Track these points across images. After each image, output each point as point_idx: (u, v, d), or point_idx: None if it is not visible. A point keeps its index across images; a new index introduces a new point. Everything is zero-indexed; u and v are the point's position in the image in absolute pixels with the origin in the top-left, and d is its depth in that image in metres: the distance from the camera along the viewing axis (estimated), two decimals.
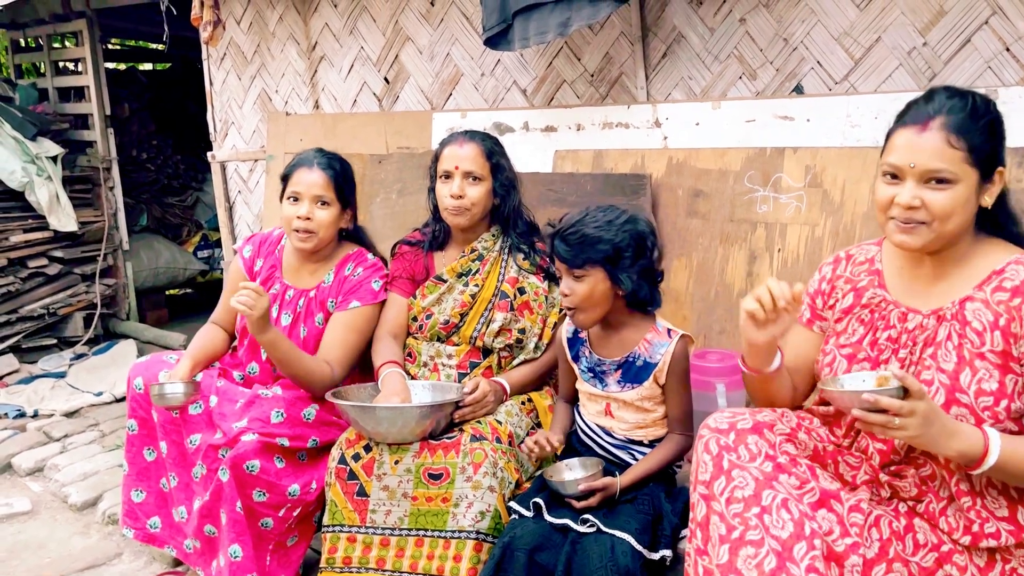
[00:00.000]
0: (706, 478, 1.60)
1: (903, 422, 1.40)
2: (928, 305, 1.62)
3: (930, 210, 1.50)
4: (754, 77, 2.88)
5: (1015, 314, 1.50)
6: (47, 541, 3.08)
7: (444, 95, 3.76)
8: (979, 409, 1.51)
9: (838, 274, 1.80)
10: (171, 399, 2.41)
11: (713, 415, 1.70)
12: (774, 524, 1.50)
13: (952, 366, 1.54)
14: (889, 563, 1.53)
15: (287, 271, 2.65)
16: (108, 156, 5.56)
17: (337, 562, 2.22)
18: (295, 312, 2.57)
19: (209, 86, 4.87)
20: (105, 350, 5.18)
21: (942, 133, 1.49)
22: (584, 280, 2.02)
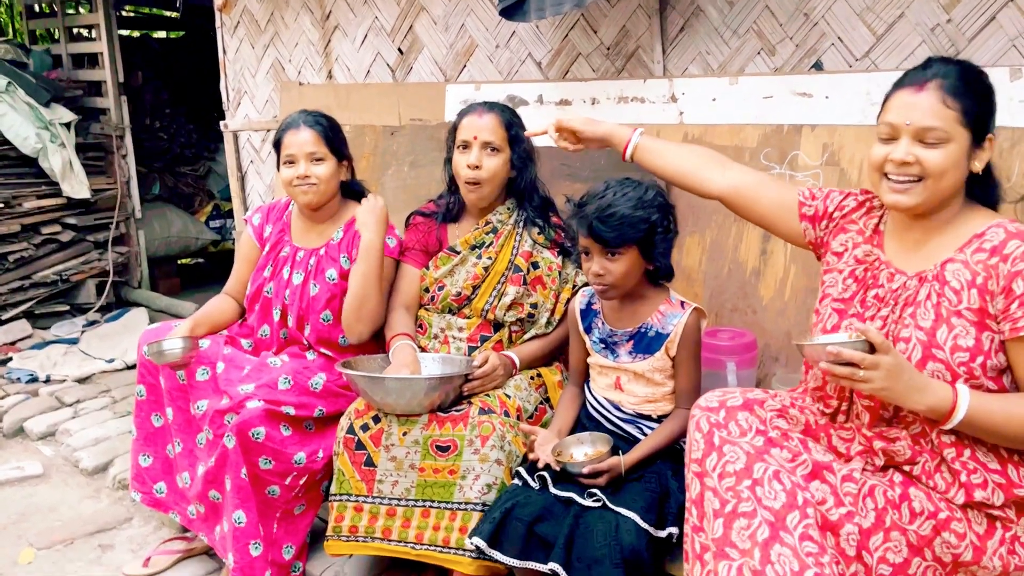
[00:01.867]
0: (698, 456, 1.62)
1: (867, 374, 1.47)
2: (913, 268, 1.66)
3: (924, 167, 1.56)
4: (773, 53, 2.83)
5: (992, 272, 1.54)
6: (58, 504, 3.12)
7: (458, 67, 3.73)
8: (955, 365, 1.55)
9: (854, 219, 1.83)
10: (169, 355, 2.43)
11: (704, 395, 1.73)
12: (766, 495, 1.52)
13: (930, 323, 1.58)
14: (886, 532, 1.54)
15: (296, 234, 2.66)
16: (121, 124, 5.56)
17: (344, 530, 2.23)
18: (306, 270, 2.57)
19: (222, 55, 4.84)
20: (117, 317, 5.21)
21: (938, 93, 1.55)
22: (619, 259, 2.02)
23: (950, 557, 1.55)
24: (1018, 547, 1.57)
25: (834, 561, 1.50)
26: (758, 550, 1.48)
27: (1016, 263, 1.52)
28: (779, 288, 2.65)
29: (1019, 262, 1.52)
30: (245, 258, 2.73)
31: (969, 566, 1.55)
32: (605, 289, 2.07)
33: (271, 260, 2.64)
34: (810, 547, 1.48)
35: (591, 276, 2.06)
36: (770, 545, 1.48)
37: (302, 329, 2.58)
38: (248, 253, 2.72)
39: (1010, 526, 1.58)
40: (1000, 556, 1.56)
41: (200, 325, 2.58)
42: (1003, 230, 1.57)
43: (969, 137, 1.57)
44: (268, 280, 2.62)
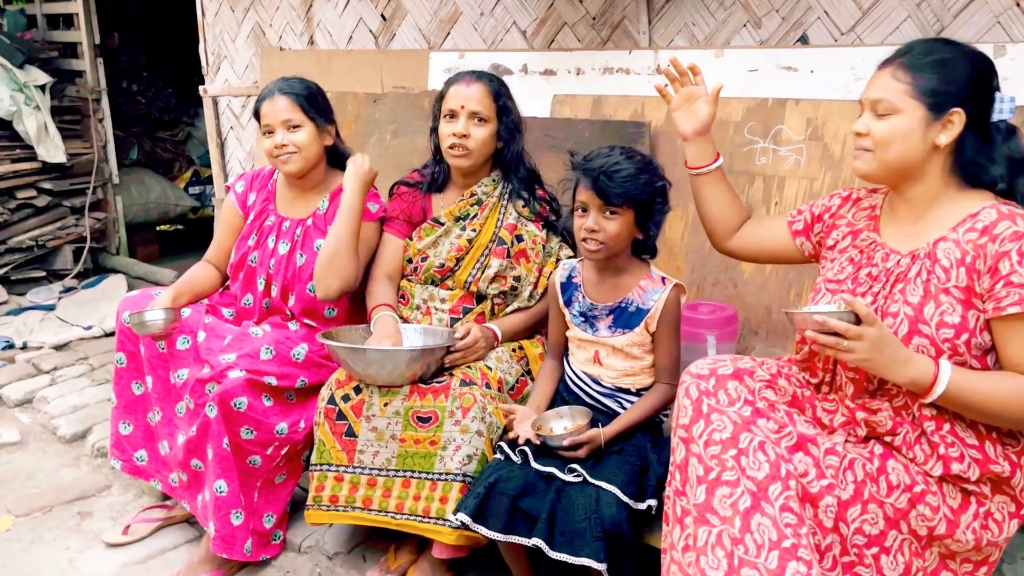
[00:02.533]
0: (686, 422, 1.64)
1: (851, 345, 1.51)
2: (907, 247, 1.69)
3: (872, 137, 1.64)
4: (759, 26, 2.82)
5: (980, 251, 1.57)
6: (36, 472, 3.10)
7: (442, 34, 3.68)
8: (939, 340, 1.58)
9: (842, 214, 1.89)
10: (151, 326, 2.41)
11: (695, 362, 1.75)
12: (750, 466, 1.54)
13: (918, 299, 1.61)
14: (864, 504, 1.57)
15: (281, 203, 2.63)
16: (97, 87, 5.46)
17: (324, 500, 2.24)
18: (292, 240, 2.55)
19: (201, 18, 4.75)
20: (95, 284, 5.16)
21: (891, 70, 1.63)
22: (616, 218, 2.02)
23: (925, 530, 1.58)
24: (991, 522, 1.61)
25: (811, 532, 1.53)
26: (739, 518, 1.51)
27: (1004, 243, 1.54)
28: None
29: (1007, 242, 1.54)
30: (227, 226, 2.69)
31: (943, 539, 1.59)
32: (595, 248, 2.05)
33: (255, 229, 2.61)
34: (789, 518, 1.50)
35: (584, 232, 2.04)
36: (751, 514, 1.50)
37: (286, 299, 2.56)
38: (231, 221, 2.69)
39: (984, 502, 1.61)
40: (973, 530, 1.59)
41: (182, 294, 2.55)
42: (995, 211, 1.59)
43: (924, 110, 1.60)
44: (252, 249, 2.59)
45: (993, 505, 1.62)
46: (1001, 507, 1.62)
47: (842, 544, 1.56)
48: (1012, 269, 1.52)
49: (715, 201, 2.08)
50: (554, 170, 2.68)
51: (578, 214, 2.06)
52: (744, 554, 1.49)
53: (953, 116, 1.59)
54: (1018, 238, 1.53)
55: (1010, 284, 1.52)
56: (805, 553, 1.48)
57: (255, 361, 2.36)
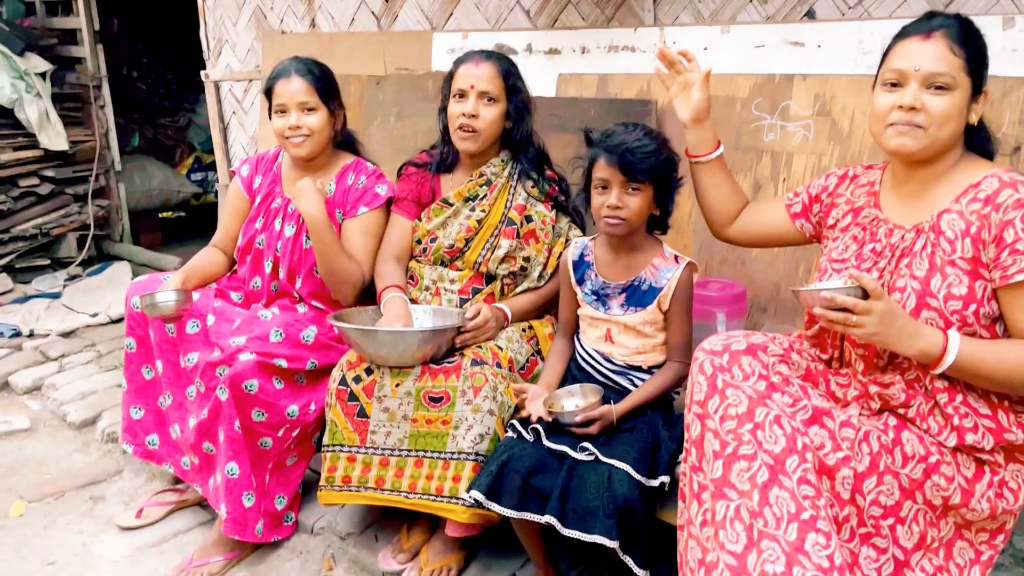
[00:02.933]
0: (700, 398, 1.65)
1: (860, 319, 1.51)
2: (911, 221, 1.69)
3: (929, 113, 1.58)
4: (765, 1, 2.79)
5: (984, 221, 1.57)
6: (47, 458, 3.12)
7: (445, 15, 3.66)
8: (948, 313, 1.58)
9: (840, 192, 1.89)
10: (163, 308, 2.41)
11: (708, 339, 1.75)
12: (767, 439, 1.54)
13: (924, 273, 1.61)
14: (879, 476, 1.57)
15: (287, 185, 2.62)
16: (98, 73, 5.44)
17: (336, 480, 2.24)
18: (299, 223, 2.54)
19: (201, 2, 4.72)
20: (99, 271, 5.16)
21: (945, 41, 1.58)
22: (638, 194, 2.03)
23: (940, 500, 1.59)
24: (1005, 491, 1.62)
25: (829, 504, 1.53)
26: (757, 492, 1.51)
27: (1007, 212, 1.54)
28: None
29: (1010, 211, 1.54)
30: (233, 209, 2.69)
31: (958, 508, 1.59)
32: (617, 223, 2.05)
33: (262, 211, 2.61)
34: (807, 490, 1.51)
35: (606, 209, 2.03)
36: (768, 487, 1.51)
37: (293, 281, 2.56)
38: (237, 204, 2.68)
39: (998, 470, 1.62)
40: (988, 499, 1.60)
41: (191, 278, 2.55)
42: (997, 179, 1.59)
43: (971, 86, 1.60)
44: (259, 232, 2.59)
45: (1007, 473, 1.62)
46: (1016, 475, 1.63)
47: (859, 515, 1.57)
48: (1017, 236, 1.52)
49: (715, 189, 2.08)
50: (560, 150, 2.67)
51: (598, 191, 2.06)
52: (763, 527, 1.49)
53: (984, 94, 1.62)
54: (1021, 205, 1.53)
55: (1016, 252, 1.52)
56: (824, 525, 1.49)
57: (265, 344, 2.36)
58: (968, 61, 1.58)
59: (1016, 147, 2.24)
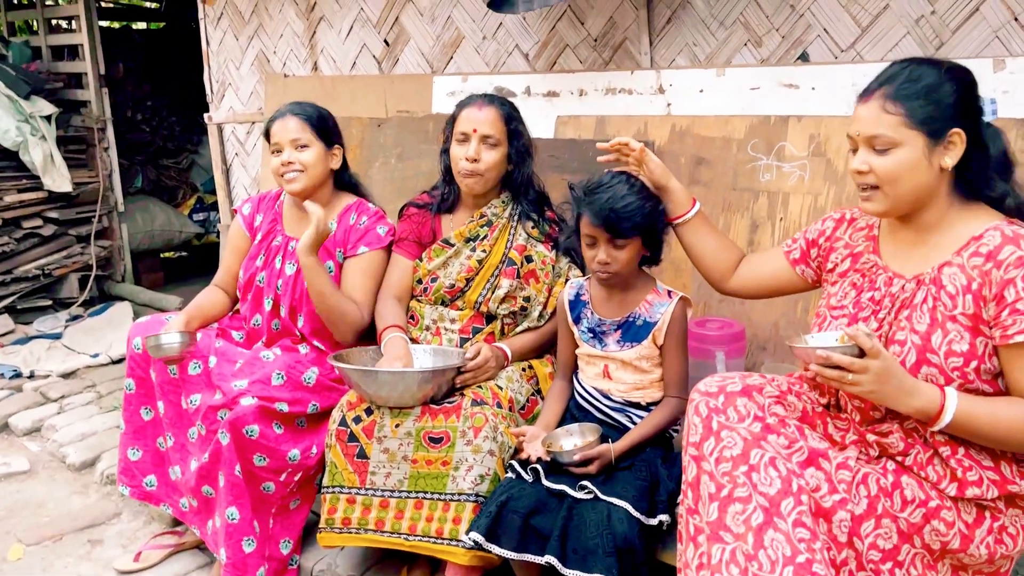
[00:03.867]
0: (696, 439, 1.64)
1: (856, 378, 1.49)
2: (911, 270, 1.67)
3: (876, 174, 1.59)
4: (759, 44, 2.85)
5: (986, 279, 1.54)
6: (46, 500, 3.10)
7: (445, 58, 3.72)
8: (948, 369, 1.56)
9: (838, 235, 1.87)
10: (167, 349, 2.42)
11: (704, 379, 1.74)
12: (762, 481, 1.53)
13: (925, 327, 1.59)
14: (877, 519, 1.56)
15: (288, 224, 2.65)
16: (103, 116, 5.50)
17: (336, 523, 2.23)
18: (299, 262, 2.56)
19: (206, 46, 4.80)
20: (101, 312, 5.17)
21: (879, 101, 1.58)
22: (626, 247, 2.06)
23: (938, 544, 1.57)
24: (1005, 536, 1.60)
25: (826, 547, 1.52)
26: (752, 535, 1.51)
27: (1009, 270, 1.51)
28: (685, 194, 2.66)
29: (1012, 269, 1.51)
30: (235, 248, 2.72)
31: (956, 553, 1.58)
32: (608, 276, 2.10)
33: (263, 249, 2.63)
34: (803, 533, 1.50)
35: (596, 264, 2.08)
36: (764, 530, 1.50)
37: (294, 320, 2.57)
38: (238, 243, 2.71)
39: (999, 516, 1.60)
40: (987, 544, 1.58)
41: (194, 319, 2.57)
42: (999, 233, 1.56)
43: (924, 138, 1.56)
44: (260, 269, 2.61)
45: (1007, 519, 1.61)
46: (1015, 520, 1.61)
47: (857, 559, 1.55)
48: (1018, 296, 1.49)
49: (703, 246, 2.09)
50: (559, 190, 2.70)
51: (587, 247, 2.09)
52: (758, 570, 1.48)
53: (953, 136, 1.56)
54: (1022, 264, 1.50)
55: (1016, 312, 1.50)
56: (820, 568, 1.47)
57: (267, 387, 2.37)
58: (910, 115, 1.55)
59: None
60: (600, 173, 2.12)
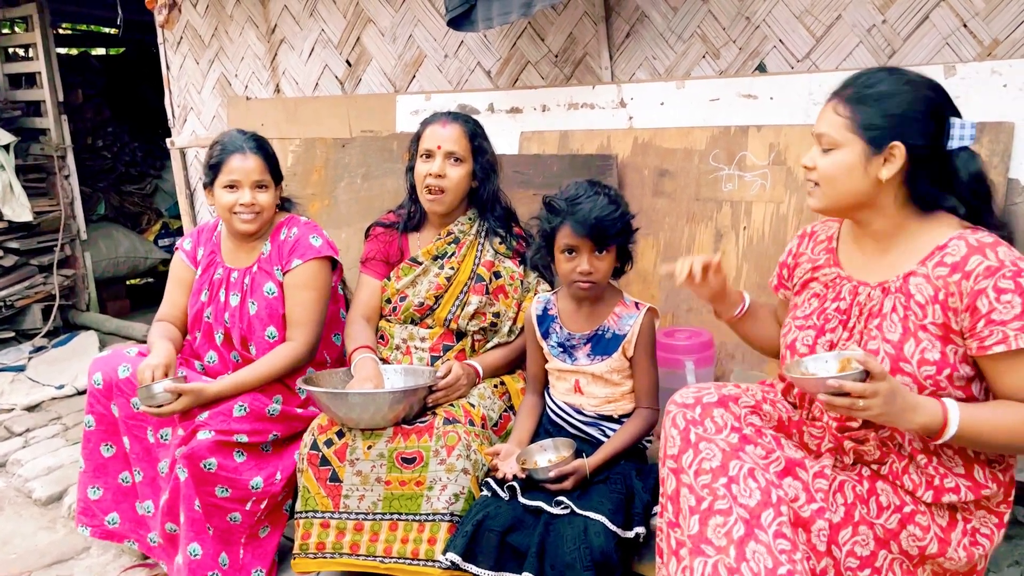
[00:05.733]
0: (674, 452, 1.64)
1: (867, 403, 1.44)
2: (875, 278, 1.68)
3: (818, 172, 1.65)
4: (717, 56, 2.89)
5: (954, 289, 1.54)
6: (12, 536, 3.03)
7: (407, 77, 3.73)
8: (921, 378, 1.56)
9: (801, 251, 1.90)
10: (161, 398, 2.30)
11: (680, 391, 1.75)
12: (742, 493, 1.54)
13: (897, 336, 1.59)
14: (855, 526, 1.57)
15: (226, 255, 2.61)
16: (62, 144, 5.43)
17: (311, 548, 2.21)
18: (242, 290, 2.53)
19: (166, 71, 4.77)
20: (65, 342, 5.08)
21: (833, 103, 1.64)
22: (606, 257, 2.09)
23: (916, 550, 1.58)
24: (979, 537, 1.62)
25: (805, 557, 1.53)
26: (733, 547, 1.51)
27: (979, 280, 1.51)
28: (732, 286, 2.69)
29: (981, 279, 1.50)
30: (180, 282, 2.65)
31: (936, 558, 1.59)
32: (589, 287, 2.11)
33: (206, 284, 2.59)
34: (783, 544, 1.50)
35: (577, 275, 2.08)
36: (745, 542, 1.50)
37: (247, 349, 2.53)
38: (184, 276, 2.65)
39: (970, 518, 1.62)
40: (964, 547, 1.59)
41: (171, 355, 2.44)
42: (964, 243, 1.55)
43: (863, 145, 1.57)
44: (206, 305, 2.57)
45: (977, 521, 1.63)
46: (985, 521, 1.63)
47: (836, 568, 1.56)
48: (991, 307, 1.49)
49: (758, 331, 2.04)
50: (524, 205, 2.71)
51: (565, 257, 2.10)
52: None
53: (894, 150, 1.56)
54: (991, 274, 1.50)
55: (992, 323, 1.49)
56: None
57: (228, 420, 2.34)
58: (854, 120, 1.58)
59: None
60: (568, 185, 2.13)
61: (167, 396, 2.29)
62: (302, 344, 2.46)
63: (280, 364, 2.42)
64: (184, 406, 2.30)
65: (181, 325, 2.66)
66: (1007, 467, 1.65)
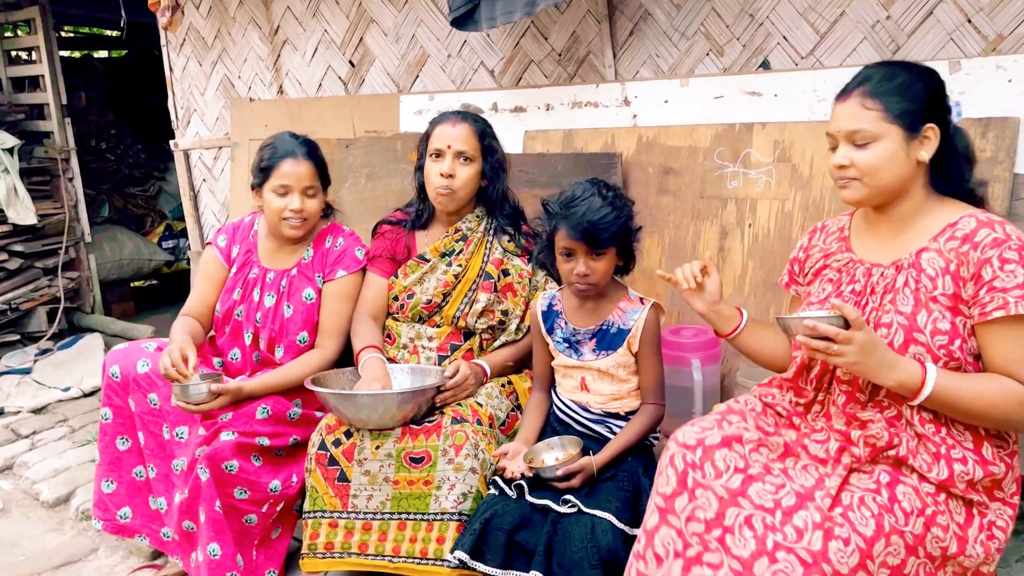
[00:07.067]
0: (667, 492, 1.63)
1: (841, 348, 1.54)
2: (888, 259, 1.73)
3: (858, 167, 1.67)
4: (721, 54, 2.89)
5: (963, 259, 1.61)
6: (20, 539, 3.04)
7: (411, 77, 3.73)
8: (935, 347, 1.61)
9: (813, 243, 1.94)
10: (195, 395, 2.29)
11: (682, 428, 1.71)
12: (736, 544, 1.51)
13: (910, 308, 1.64)
14: (887, 537, 1.53)
15: (263, 255, 2.62)
16: (66, 146, 5.44)
17: (319, 547, 2.21)
18: (278, 292, 2.54)
19: (169, 73, 4.77)
20: (70, 344, 5.09)
21: (858, 99, 1.67)
22: (603, 258, 2.08)
23: (939, 552, 1.57)
24: (995, 530, 1.62)
25: None
26: None
27: (985, 250, 1.58)
28: (738, 284, 2.70)
29: (988, 249, 1.58)
30: (211, 279, 2.64)
31: (956, 557, 1.58)
32: (587, 288, 2.11)
33: (240, 282, 2.59)
34: None
35: (575, 276, 2.09)
36: None
37: (273, 351, 2.54)
38: (215, 274, 2.64)
39: (986, 512, 1.62)
40: (981, 542, 1.59)
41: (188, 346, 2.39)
42: (975, 219, 1.64)
43: (901, 131, 1.64)
44: (238, 303, 2.57)
45: (993, 514, 1.63)
46: (1000, 513, 1.64)
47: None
48: (994, 275, 1.56)
49: (760, 348, 1.99)
50: (530, 205, 2.72)
51: (563, 258, 2.10)
52: None
53: (928, 131, 1.65)
54: (998, 244, 1.58)
55: (993, 289, 1.56)
56: None
57: (250, 422, 2.35)
58: (887, 110, 1.64)
59: None
60: (570, 185, 2.13)
61: (203, 396, 2.28)
62: (332, 352, 2.49)
63: (309, 371, 2.42)
64: (222, 405, 2.32)
65: (207, 321, 2.66)
66: (1012, 452, 1.68)
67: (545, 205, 2.14)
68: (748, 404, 1.83)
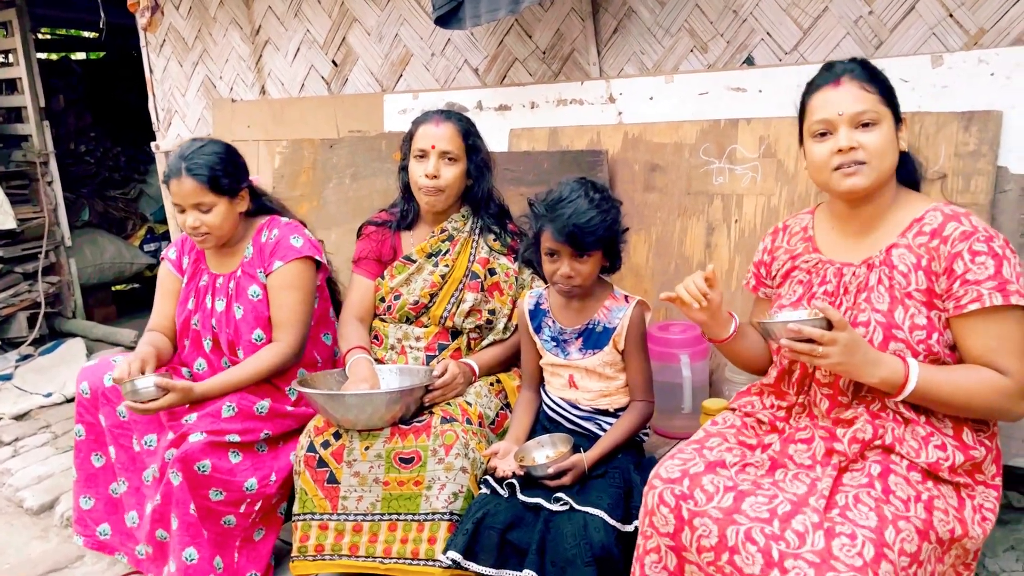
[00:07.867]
0: (669, 531, 1.63)
1: (826, 350, 1.54)
2: (859, 257, 1.74)
3: (866, 149, 1.65)
4: (705, 50, 2.89)
5: (933, 254, 1.63)
6: (4, 547, 2.99)
7: (394, 76, 3.71)
8: (914, 343, 1.62)
9: (776, 245, 1.94)
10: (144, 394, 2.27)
11: (663, 464, 1.71)
12: (745, 562, 1.51)
13: (886, 305, 1.65)
14: (894, 524, 1.50)
15: (211, 261, 2.59)
16: (44, 150, 5.38)
17: (309, 550, 2.20)
18: (227, 295, 2.51)
19: (149, 74, 4.73)
20: (52, 350, 5.04)
21: (855, 82, 1.67)
22: (589, 260, 2.07)
23: (948, 535, 1.56)
24: (985, 512, 1.64)
25: None
26: None
27: (955, 244, 1.60)
28: (725, 280, 2.70)
29: (957, 243, 1.60)
30: (169, 292, 2.63)
31: (961, 540, 1.59)
32: (571, 289, 2.11)
33: (192, 292, 2.57)
34: None
35: (560, 277, 2.08)
36: None
37: (235, 354, 2.51)
38: (171, 287, 2.63)
39: (973, 495, 1.64)
40: (978, 524, 1.61)
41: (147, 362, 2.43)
42: (940, 213, 1.66)
43: (892, 116, 1.68)
44: (193, 312, 2.55)
45: (980, 497, 1.65)
46: (985, 496, 1.65)
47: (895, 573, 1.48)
48: (966, 268, 1.59)
49: (747, 351, 1.98)
50: (516, 203, 2.71)
51: (549, 260, 2.10)
52: None
53: (904, 122, 1.70)
54: (967, 237, 1.60)
55: (966, 283, 1.58)
56: None
57: (217, 420, 2.32)
58: (882, 95, 1.67)
59: (942, 175, 2.34)
60: (558, 184, 2.12)
61: (152, 392, 2.26)
62: (287, 345, 2.45)
63: (266, 365, 2.41)
64: (170, 403, 2.28)
65: (171, 335, 2.64)
66: (992, 434, 1.71)
67: (531, 204, 2.13)
68: (726, 422, 1.85)
